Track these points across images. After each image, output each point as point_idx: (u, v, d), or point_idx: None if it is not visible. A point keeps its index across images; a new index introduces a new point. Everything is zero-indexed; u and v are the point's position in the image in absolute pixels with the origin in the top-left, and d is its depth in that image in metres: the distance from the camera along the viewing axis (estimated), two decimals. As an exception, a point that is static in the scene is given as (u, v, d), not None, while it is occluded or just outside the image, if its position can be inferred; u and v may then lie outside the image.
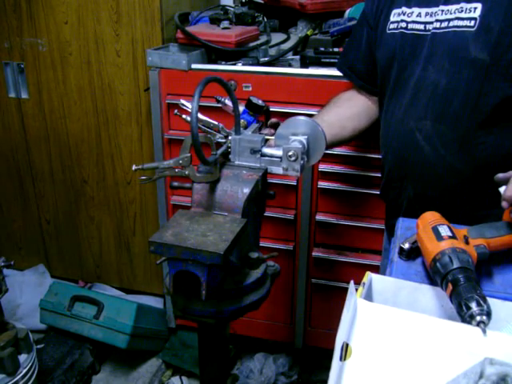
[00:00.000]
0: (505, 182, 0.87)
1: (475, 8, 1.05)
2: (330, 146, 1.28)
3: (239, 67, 1.83)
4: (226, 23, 1.91)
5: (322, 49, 1.81)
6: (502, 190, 0.86)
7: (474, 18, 1.04)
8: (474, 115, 1.08)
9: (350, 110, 1.37)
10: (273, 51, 1.94)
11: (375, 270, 1.56)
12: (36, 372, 1.77)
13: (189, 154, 1.10)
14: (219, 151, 1.14)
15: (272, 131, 1.32)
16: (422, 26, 1.14)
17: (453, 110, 1.10)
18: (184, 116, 1.21)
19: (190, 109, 1.01)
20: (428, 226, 0.86)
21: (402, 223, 1.03)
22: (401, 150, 1.20)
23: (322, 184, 1.84)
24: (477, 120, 1.08)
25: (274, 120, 1.35)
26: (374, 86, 1.35)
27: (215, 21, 1.95)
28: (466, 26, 1.05)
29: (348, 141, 1.38)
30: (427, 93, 1.13)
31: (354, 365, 0.67)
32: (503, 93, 1.05)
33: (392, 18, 1.21)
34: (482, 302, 0.70)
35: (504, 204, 0.85)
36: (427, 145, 1.14)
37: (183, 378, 2.22)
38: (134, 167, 1.11)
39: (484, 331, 0.68)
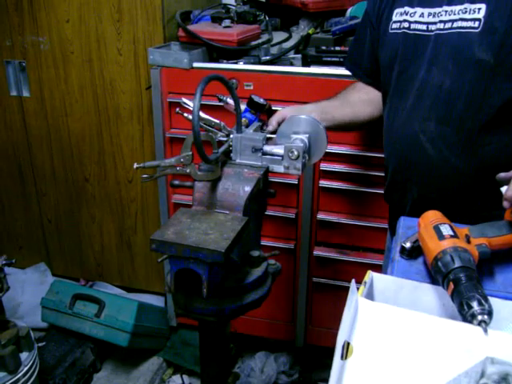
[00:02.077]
0: (506, 181, 0.87)
1: (479, 9, 1.04)
2: (349, 125, 1.36)
3: (241, 66, 1.83)
4: (227, 22, 1.91)
5: (324, 47, 1.81)
6: (503, 189, 0.86)
7: (478, 19, 1.04)
8: (478, 116, 1.08)
9: (368, 96, 1.39)
10: (274, 50, 1.94)
11: (376, 268, 1.56)
12: (37, 370, 1.77)
13: (190, 153, 1.10)
14: (221, 149, 1.14)
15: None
16: (424, 27, 1.13)
17: (457, 111, 1.10)
18: (185, 114, 1.21)
19: (192, 107, 1.01)
20: (429, 225, 0.86)
21: (404, 222, 1.03)
22: (404, 151, 1.20)
23: (324, 183, 1.84)
24: (481, 121, 1.08)
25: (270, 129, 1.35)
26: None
27: (217, 19, 1.95)
28: (470, 27, 1.05)
29: (364, 125, 1.42)
30: (431, 94, 1.12)
31: (355, 363, 0.67)
32: (508, 94, 1.05)
33: (394, 18, 1.21)
34: (483, 301, 0.70)
35: (505, 204, 0.84)
36: (431, 146, 1.14)
37: (184, 376, 2.22)
38: (135, 165, 1.11)
39: (485, 330, 0.68)
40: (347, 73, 1.48)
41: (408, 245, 0.91)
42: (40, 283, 2.40)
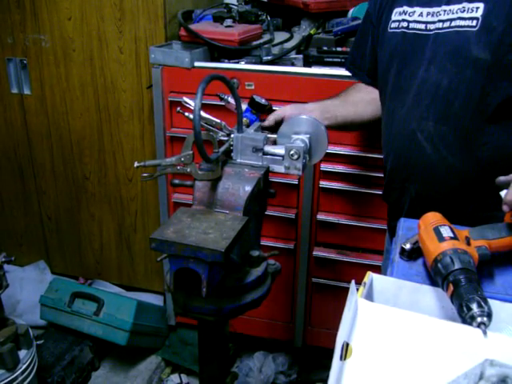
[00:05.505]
0: (506, 185, 0.87)
1: (477, 8, 1.04)
2: (352, 124, 1.36)
3: (242, 65, 1.83)
4: (229, 21, 1.91)
5: (325, 48, 1.81)
6: (502, 193, 0.86)
7: (476, 18, 1.04)
8: (476, 116, 1.08)
9: (370, 96, 1.39)
10: (276, 50, 1.94)
11: (376, 269, 1.56)
12: (35, 368, 1.78)
13: (191, 152, 1.10)
14: (221, 149, 1.14)
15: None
16: (423, 26, 1.14)
17: (455, 110, 1.10)
18: (186, 114, 1.21)
19: (193, 106, 1.01)
20: (430, 227, 0.86)
21: (404, 223, 1.03)
22: (402, 150, 1.20)
23: (324, 183, 1.84)
24: (479, 120, 1.08)
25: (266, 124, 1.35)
26: None
27: (218, 19, 1.95)
28: (468, 26, 1.05)
29: (366, 124, 1.41)
30: (429, 93, 1.12)
31: (354, 364, 0.67)
32: (505, 93, 1.05)
33: (393, 17, 1.21)
34: (482, 303, 0.70)
35: (505, 208, 0.84)
36: (429, 146, 1.14)
37: (182, 375, 2.22)
38: (135, 164, 1.11)
39: (484, 332, 0.68)
40: (348, 74, 1.48)
41: (408, 246, 0.91)
42: (39, 281, 2.40)
